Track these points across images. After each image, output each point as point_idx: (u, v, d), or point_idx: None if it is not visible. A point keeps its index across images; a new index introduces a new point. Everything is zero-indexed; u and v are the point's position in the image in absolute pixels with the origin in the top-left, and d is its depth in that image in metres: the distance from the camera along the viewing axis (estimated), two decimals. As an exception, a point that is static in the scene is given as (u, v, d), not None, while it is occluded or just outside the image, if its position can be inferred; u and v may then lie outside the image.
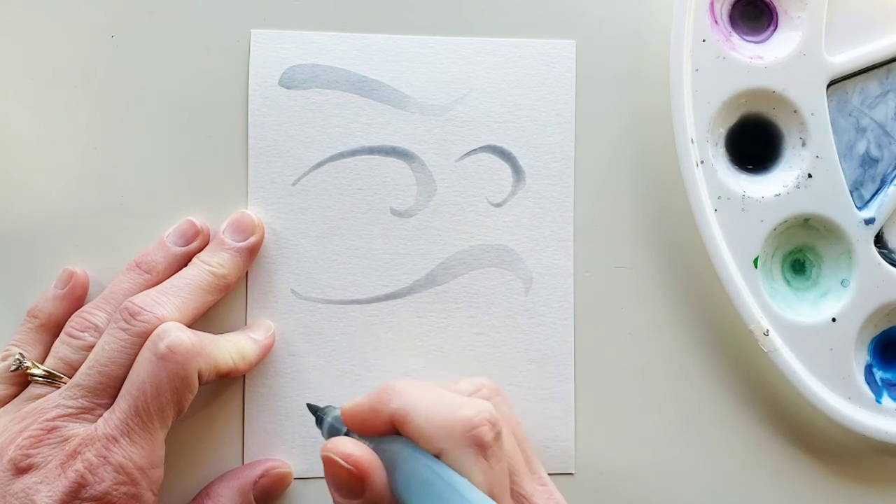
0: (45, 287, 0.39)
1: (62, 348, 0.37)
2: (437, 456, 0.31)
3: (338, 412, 0.35)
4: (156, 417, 0.34)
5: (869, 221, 0.40)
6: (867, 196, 0.41)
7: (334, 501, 0.32)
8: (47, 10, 0.40)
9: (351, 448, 0.31)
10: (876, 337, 0.41)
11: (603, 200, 0.42)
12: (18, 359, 0.37)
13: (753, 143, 0.41)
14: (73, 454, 0.33)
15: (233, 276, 0.39)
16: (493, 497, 0.30)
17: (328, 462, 0.31)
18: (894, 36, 0.41)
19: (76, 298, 0.39)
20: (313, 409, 0.36)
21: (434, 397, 0.32)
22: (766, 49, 0.41)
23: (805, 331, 0.40)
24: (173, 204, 0.40)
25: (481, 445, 0.30)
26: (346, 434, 0.33)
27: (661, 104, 0.40)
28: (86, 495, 0.33)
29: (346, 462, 0.31)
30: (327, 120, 0.41)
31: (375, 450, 0.32)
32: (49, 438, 0.34)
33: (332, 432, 0.35)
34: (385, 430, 0.32)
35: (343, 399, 0.34)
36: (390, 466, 0.31)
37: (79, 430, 0.34)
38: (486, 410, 0.31)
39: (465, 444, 0.30)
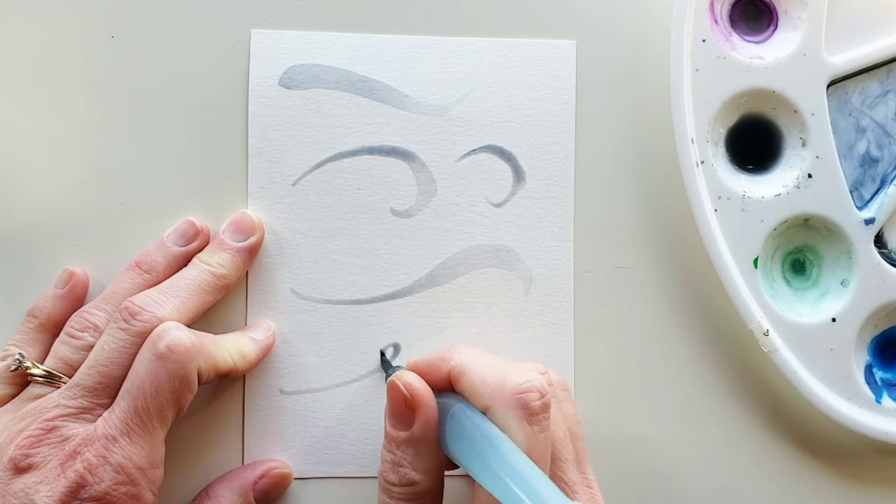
0: (45, 287, 0.39)
1: (62, 348, 0.37)
2: (484, 412, 0.32)
3: (402, 368, 0.37)
4: (155, 417, 0.34)
5: (869, 221, 0.40)
6: (867, 196, 0.41)
7: (386, 434, 0.34)
8: (47, 10, 0.40)
9: (413, 380, 0.34)
10: (876, 337, 0.41)
11: (603, 200, 0.42)
12: (18, 359, 0.37)
13: (753, 143, 0.41)
14: (73, 454, 0.33)
15: (233, 276, 0.39)
16: None
17: (391, 387, 0.34)
18: (894, 36, 0.41)
19: (76, 298, 0.39)
20: (386, 365, 0.40)
21: (491, 361, 0.34)
22: (766, 49, 0.41)
23: (805, 331, 0.40)
24: (173, 204, 0.40)
25: (527, 409, 0.32)
26: None
27: (661, 104, 0.40)
28: (85, 495, 0.33)
29: (406, 389, 0.33)
30: (327, 120, 0.41)
31: None
32: (49, 438, 0.34)
33: None
34: (443, 387, 0.34)
35: (343, 400, 0.34)
36: (442, 418, 0.33)
37: (78, 429, 0.34)
38: (537, 380, 0.33)
39: (511, 405, 0.32)
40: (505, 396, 0.32)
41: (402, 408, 0.33)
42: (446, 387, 0.34)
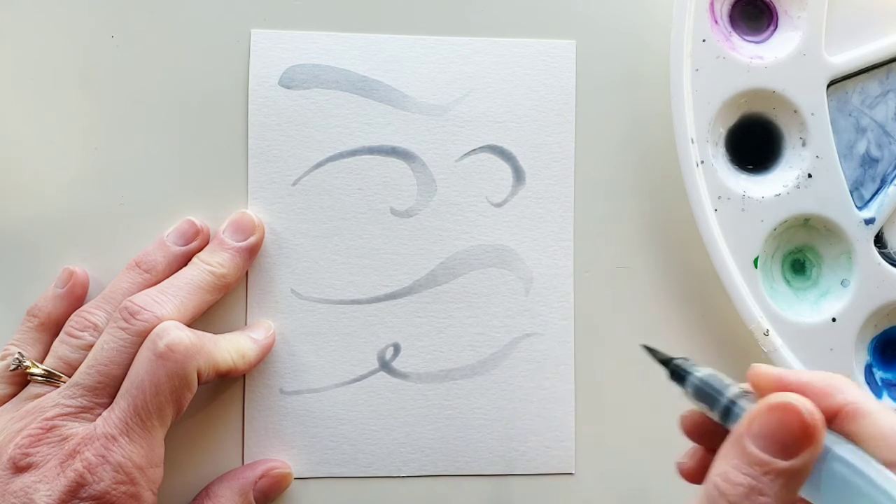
0: (45, 287, 0.39)
1: (62, 347, 0.37)
2: (886, 466, 0.26)
3: (707, 371, 0.30)
4: (155, 416, 0.34)
5: (869, 221, 0.40)
6: (867, 196, 0.41)
7: (750, 455, 0.27)
8: (47, 10, 0.40)
9: (814, 407, 0.27)
10: (876, 337, 0.41)
11: (603, 200, 0.42)
12: (18, 358, 0.37)
13: (753, 143, 0.41)
14: (73, 453, 0.33)
15: (232, 276, 0.39)
16: None
17: (786, 408, 0.27)
18: (894, 36, 0.41)
19: (76, 298, 0.39)
20: (665, 360, 0.32)
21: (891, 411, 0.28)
22: (766, 49, 0.41)
23: (805, 331, 0.40)
24: (173, 204, 0.40)
25: None
26: (729, 403, 0.29)
27: (662, 104, 0.40)
28: (85, 494, 0.33)
29: (809, 416, 0.26)
30: (327, 120, 0.41)
31: None
32: (48, 437, 0.34)
33: (704, 396, 0.30)
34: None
35: (343, 400, 0.33)
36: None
37: (78, 429, 0.34)
38: None
39: None
40: None
41: (796, 434, 0.27)
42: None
